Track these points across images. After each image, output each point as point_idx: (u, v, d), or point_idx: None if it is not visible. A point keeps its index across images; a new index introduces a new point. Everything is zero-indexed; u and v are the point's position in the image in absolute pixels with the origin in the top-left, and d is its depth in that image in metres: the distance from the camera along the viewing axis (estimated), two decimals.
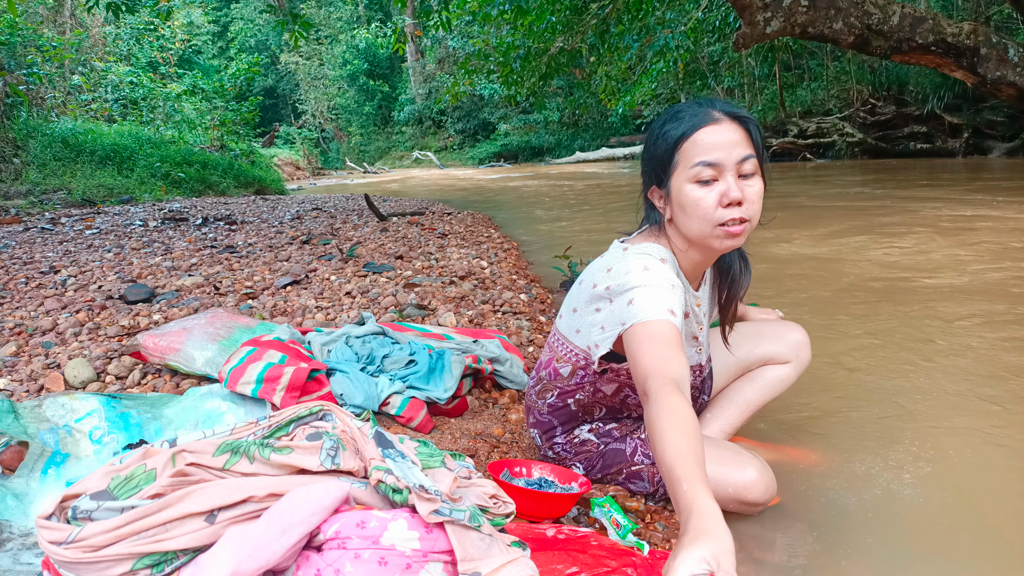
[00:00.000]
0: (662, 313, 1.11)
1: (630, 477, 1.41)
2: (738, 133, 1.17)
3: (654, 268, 1.18)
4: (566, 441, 1.47)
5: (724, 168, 1.15)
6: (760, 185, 1.18)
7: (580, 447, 1.45)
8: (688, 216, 1.19)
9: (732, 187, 1.15)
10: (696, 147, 1.16)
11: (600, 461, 1.44)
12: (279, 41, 29.22)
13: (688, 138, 1.17)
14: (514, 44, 9.79)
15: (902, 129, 13.64)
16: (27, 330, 2.46)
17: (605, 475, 1.44)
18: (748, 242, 1.24)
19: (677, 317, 1.12)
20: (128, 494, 0.91)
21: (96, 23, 15.08)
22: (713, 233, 1.18)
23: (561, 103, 23.64)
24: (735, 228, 1.16)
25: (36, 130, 9.78)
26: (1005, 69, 6.00)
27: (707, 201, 1.16)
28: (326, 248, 4.62)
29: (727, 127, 1.16)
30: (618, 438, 1.43)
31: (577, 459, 1.46)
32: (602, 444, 1.44)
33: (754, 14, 5.99)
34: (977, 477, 1.54)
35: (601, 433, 1.44)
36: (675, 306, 1.13)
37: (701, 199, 1.16)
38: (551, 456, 1.50)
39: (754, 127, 1.19)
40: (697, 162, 1.15)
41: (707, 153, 1.15)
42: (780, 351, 1.58)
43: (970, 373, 2.13)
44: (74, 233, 5.64)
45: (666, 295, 1.14)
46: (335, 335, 2.01)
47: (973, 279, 3.27)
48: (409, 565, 0.85)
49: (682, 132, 1.17)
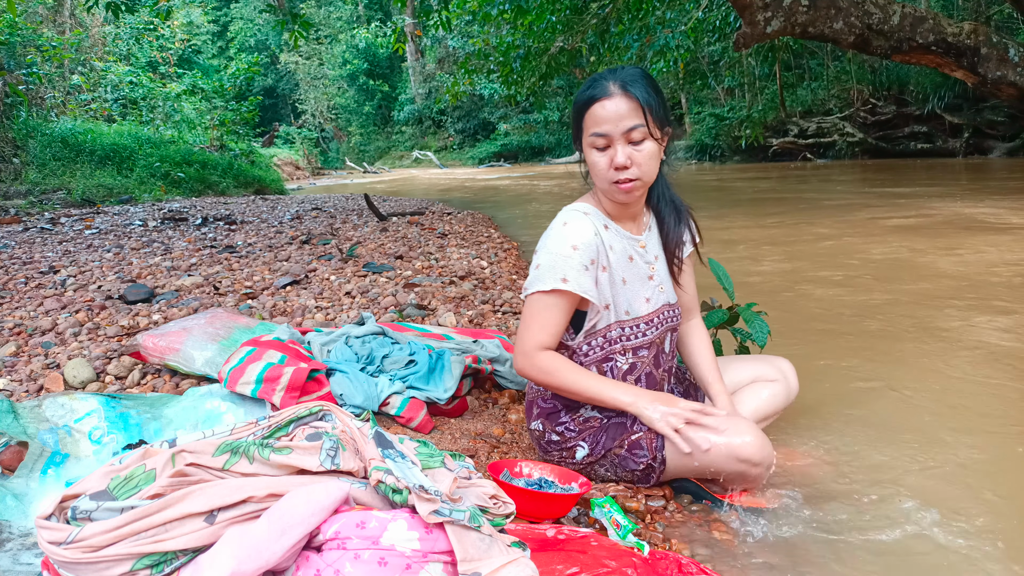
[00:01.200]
0: (555, 283, 1.35)
1: (631, 448, 1.43)
2: (628, 105, 1.33)
3: (570, 227, 1.39)
4: (571, 420, 1.49)
5: (613, 137, 1.35)
6: (650, 148, 1.36)
7: (585, 424, 1.48)
8: (593, 175, 1.42)
9: (619, 154, 1.34)
10: (592, 118, 1.36)
11: (604, 435, 1.45)
12: (279, 41, 29.21)
13: (587, 110, 1.36)
14: (514, 44, 9.78)
15: (903, 129, 13.65)
16: (27, 330, 2.46)
17: (608, 450, 1.45)
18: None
19: (572, 281, 1.35)
20: (128, 494, 0.91)
21: (96, 23, 15.07)
22: (610, 189, 1.40)
23: (561, 103, 23.62)
24: (626, 186, 1.37)
25: (36, 130, 9.77)
26: (1005, 69, 5.99)
27: (601, 164, 1.37)
28: (326, 248, 4.61)
29: (618, 100, 1.33)
30: (619, 412, 1.46)
31: (581, 437, 1.47)
32: (605, 418, 1.47)
33: (754, 14, 5.99)
34: (981, 474, 1.54)
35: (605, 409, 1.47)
36: (570, 272, 1.36)
37: (597, 162, 1.38)
38: (555, 439, 1.50)
39: (645, 97, 1.33)
40: (592, 132, 1.36)
41: (598, 125, 1.35)
42: (767, 371, 1.67)
43: (974, 371, 2.13)
44: (73, 233, 5.64)
45: (562, 263, 1.36)
46: (335, 335, 2.00)
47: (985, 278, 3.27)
48: (409, 565, 0.85)
49: (583, 103, 1.37)
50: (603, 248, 1.42)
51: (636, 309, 1.47)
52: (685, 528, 1.37)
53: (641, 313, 1.47)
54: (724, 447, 1.33)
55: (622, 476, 1.47)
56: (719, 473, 1.37)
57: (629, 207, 1.47)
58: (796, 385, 1.68)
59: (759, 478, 1.37)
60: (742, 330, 1.98)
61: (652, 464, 1.42)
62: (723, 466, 1.34)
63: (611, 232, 1.45)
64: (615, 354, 1.46)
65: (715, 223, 6.02)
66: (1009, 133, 12.10)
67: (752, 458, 1.32)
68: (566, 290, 1.35)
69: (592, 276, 1.39)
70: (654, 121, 1.34)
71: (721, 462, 1.33)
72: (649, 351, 1.49)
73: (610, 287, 1.43)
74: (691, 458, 1.35)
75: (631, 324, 1.46)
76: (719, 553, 1.30)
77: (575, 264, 1.36)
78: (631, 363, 1.48)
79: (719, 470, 1.35)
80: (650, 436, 1.41)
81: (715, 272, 1.95)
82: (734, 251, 4.50)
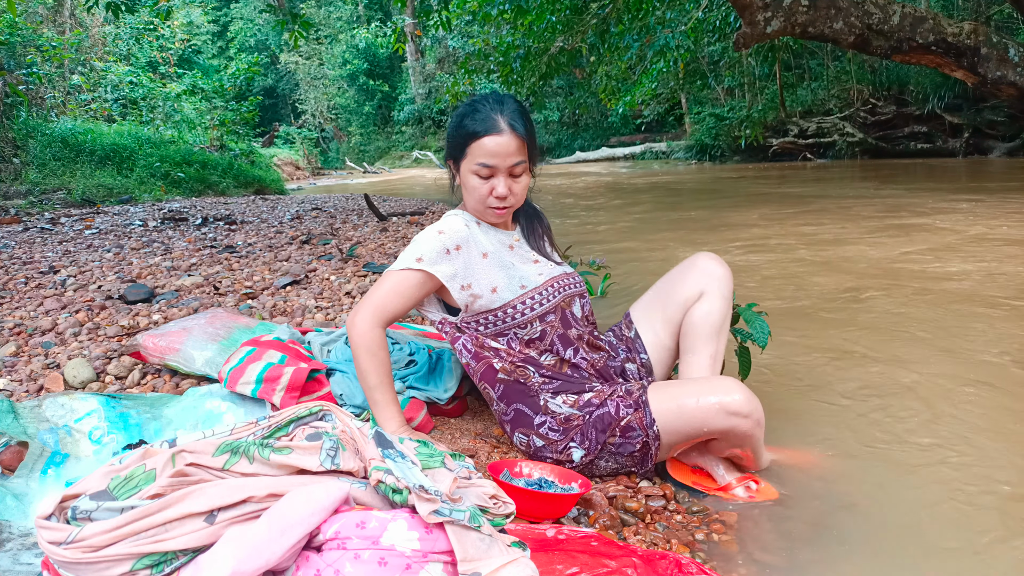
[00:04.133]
0: (409, 263, 1.46)
1: (624, 432, 1.44)
2: (515, 143, 1.45)
3: (440, 223, 1.52)
4: (550, 419, 1.49)
5: (498, 170, 1.47)
6: (526, 180, 1.53)
7: (568, 424, 1.49)
8: (467, 194, 1.54)
9: (500, 186, 1.48)
10: (481, 149, 1.45)
11: (593, 431, 1.46)
12: (279, 41, 29.20)
13: (477, 139, 1.45)
14: (514, 44, 9.78)
15: (902, 129, 13.64)
16: (27, 330, 2.46)
17: (604, 442, 1.46)
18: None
19: (427, 260, 1.46)
20: (128, 494, 0.91)
21: (96, 23, 15.06)
22: (484, 211, 1.54)
23: (561, 103, 23.62)
24: (499, 211, 1.53)
25: (36, 130, 9.77)
26: (1006, 69, 5.99)
27: (481, 191, 1.49)
28: (326, 248, 4.61)
29: (507, 138, 1.44)
30: (598, 404, 1.48)
31: (570, 438, 1.48)
32: (586, 415, 1.48)
33: (754, 14, 5.99)
34: (980, 473, 1.54)
35: (581, 405, 1.49)
36: (427, 252, 1.46)
37: (477, 187, 1.49)
38: (542, 444, 1.51)
39: (527, 136, 1.47)
40: (479, 162, 1.46)
41: (487, 157, 1.45)
42: (689, 290, 1.65)
43: (975, 370, 2.13)
44: (74, 233, 5.64)
45: (422, 245, 1.47)
46: (335, 335, 2.00)
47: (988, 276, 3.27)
48: (409, 565, 0.85)
49: (474, 131, 1.45)
50: (477, 237, 1.53)
51: (532, 282, 1.54)
52: (685, 528, 1.37)
53: (537, 283, 1.55)
54: (715, 404, 1.37)
55: (623, 463, 1.49)
56: (712, 433, 1.40)
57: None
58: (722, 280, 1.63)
59: (752, 434, 1.40)
60: (742, 330, 1.98)
61: (647, 441, 1.44)
62: (715, 423, 1.38)
63: (483, 228, 1.58)
64: (512, 329, 1.53)
65: (715, 223, 6.02)
66: (1009, 133, 12.10)
67: (741, 410, 1.37)
68: (418, 269, 1.45)
69: (456, 263, 1.48)
70: (531, 157, 1.50)
71: (712, 419, 1.38)
72: (556, 314, 1.55)
73: (499, 268, 1.52)
74: (683, 422, 1.40)
75: (530, 295, 1.53)
76: (719, 553, 1.30)
77: (435, 246, 1.47)
78: (541, 330, 1.53)
79: (712, 429, 1.39)
80: (639, 415, 1.43)
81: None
82: (734, 250, 4.50)
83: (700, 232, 5.60)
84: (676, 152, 18.62)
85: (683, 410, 1.41)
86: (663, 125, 21.35)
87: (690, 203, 8.14)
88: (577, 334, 1.58)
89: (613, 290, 3.50)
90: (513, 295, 1.52)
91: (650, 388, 1.48)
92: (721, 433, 1.40)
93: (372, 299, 1.47)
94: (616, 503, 1.42)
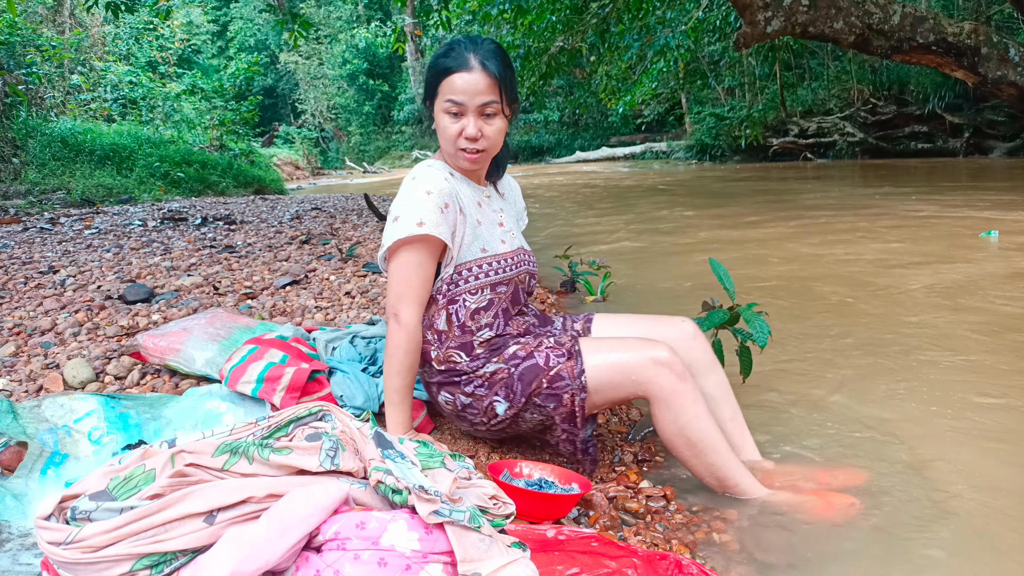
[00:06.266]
0: (411, 228, 1.38)
1: (552, 382, 1.42)
2: (486, 81, 1.40)
3: (419, 179, 1.44)
4: (478, 379, 1.47)
5: (467, 108, 1.41)
6: (499, 124, 1.46)
7: (494, 378, 1.46)
8: (440, 136, 1.48)
9: (470, 125, 1.42)
10: (450, 86, 1.41)
11: (518, 384, 1.44)
12: (278, 40, 29.17)
13: (446, 77, 1.41)
14: (514, 43, 9.78)
15: (903, 129, 13.64)
16: (26, 330, 2.46)
17: (528, 395, 1.43)
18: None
19: (429, 223, 1.38)
20: (127, 494, 0.90)
21: (95, 23, 15.05)
22: (456, 154, 1.47)
23: (561, 102, 23.61)
24: (471, 156, 1.46)
25: (35, 130, 9.76)
26: (1006, 69, 5.99)
27: (451, 130, 1.44)
28: (325, 248, 4.61)
29: (477, 75, 1.40)
30: (525, 356, 1.46)
31: (494, 392, 1.46)
32: (512, 367, 1.45)
33: (755, 13, 5.98)
34: (976, 473, 1.54)
35: (507, 359, 1.47)
36: (426, 215, 1.38)
37: (447, 127, 1.44)
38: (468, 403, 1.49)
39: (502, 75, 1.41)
40: (448, 99, 1.41)
41: (455, 94, 1.41)
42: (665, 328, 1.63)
43: (971, 373, 2.13)
44: (73, 233, 5.64)
45: (417, 209, 1.39)
46: (341, 333, 2.00)
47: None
48: (409, 566, 0.85)
49: (443, 68, 1.42)
50: (455, 191, 1.47)
51: (493, 248, 1.52)
52: (685, 528, 1.37)
53: (499, 251, 1.53)
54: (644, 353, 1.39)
55: (550, 416, 1.45)
56: (638, 384, 1.39)
57: (473, 172, 1.55)
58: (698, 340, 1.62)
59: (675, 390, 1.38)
60: (742, 330, 1.98)
61: (574, 392, 1.41)
62: (641, 372, 1.38)
63: (458, 179, 1.53)
64: (463, 294, 1.48)
65: (716, 223, 6.02)
66: (1009, 133, 12.10)
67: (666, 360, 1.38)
68: (424, 234, 1.38)
69: (449, 220, 1.43)
70: (507, 99, 1.44)
71: (639, 368, 1.38)
72: (508, 287, 1.53)
73: (466, 227, 1.48)
74: (613, 371, 1.39)
75: (488, 260, 1.50)
76: (719, 553, 1.29)
77: (431, 207, 1.40)
78: (489, 299, 1.50)
79: (638, 378, 1.39)
80: (570, 364, 1.42)
81: (715, 271, 1.95)
82: (734, 251, 4.50)
83: (700, 232, 5.60)
84: (676, 152, 18.62)
85: (612, 361, 1.40)
86: (663, 125, 21.35)
87: (690, 203, 8.14)
88: (518, 310, 1.57)
89: (613, 290, 3.49)
90: (472, 256, 1.48)
91: (582, 339, 1.47)
92: (646, 385, 1.39)
93: (409, 291, 1.41)
94: (616, 503, 1.42)
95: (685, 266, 4.15)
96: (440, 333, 1.49)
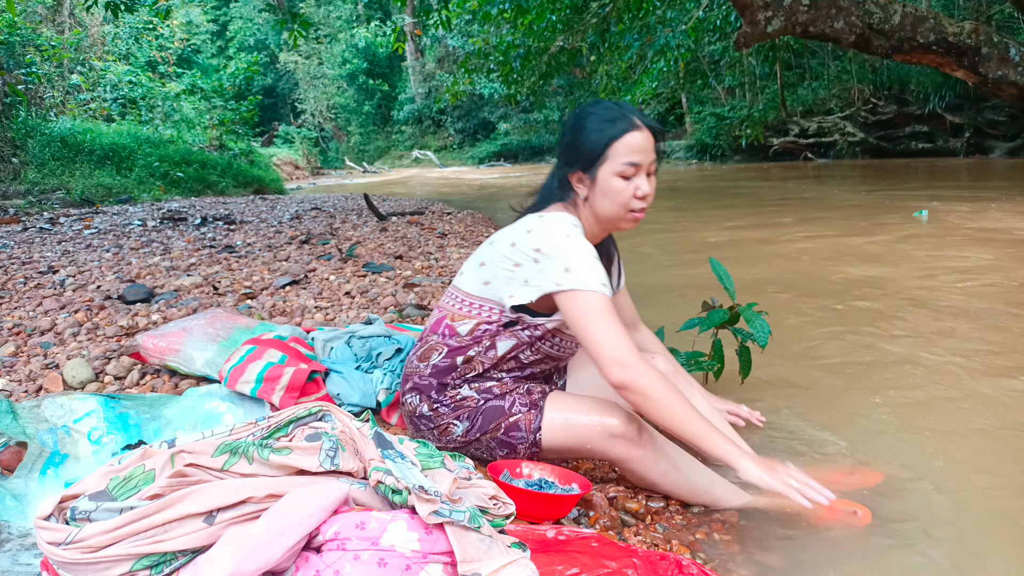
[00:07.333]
0: (601, 286, 1.34)
1: (508, 430, 1.43)
2: (651, 141, 1.42)
3: (575, 236, 1.40)
4: (448, 399, 1.48)
5: (642, 168, 1.42)
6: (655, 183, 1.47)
7: (460, 403, 1.47)
8: (609, 201, 1.43)
9: (645, 184, 1.42)
10: (626, 147, 1.40)
11: (480, 418, 1.45)
12: (278, 40, 29.16)
13: (619, 140, 1.40)
14: (514, 43, 9.78)
15: (903, 128, 13.66)
16: (26, 330, 2.46)
17: (484, 432, 1.45)
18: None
19: (605, 283, 1.36)
20: (127, 495, 0.90)
21: (95, 22, 15.04)
22: (624, 216, 1.45)
23: (561, 102, 23.60)
24: (640, 214, 1.46)
25: (35, 129, 9.75)
26: (1006, 69, 5.99)
27: (626, 192, 1.42)
28: (325, 248, 4.61)
29: (646, 135, 1.41)
30: (497, 395, 1.47)
31: (455, 415, 1.47)
32: (482, 400, 1.47)
33: (755, 13, 5.98)
34: (976, 471, 1.53)
35: (481, 390, 1.48)
36: (605, 279, 1.37)
37: (623, 190, 1.42)
38: (426, 414, 1.49)
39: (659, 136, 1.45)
40: (625, 161, 1.40)
41: (633, 155, 1.40)
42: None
43: (972, 367, 2.13)
44: (73, 233, 5.63)
45: (599, 268, 1.37)
46: (339, 333, 2.00)
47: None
48: (409, 566, 0.84)
49: (615, 134, 1.40)
50: None
51: None
52: (685, 528, 1.37)
53: None
54: (598, 424, 1.39)
55: (495, 456, 1.47)
56: (594, 452, 1.42)
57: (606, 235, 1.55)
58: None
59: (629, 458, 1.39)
60: (743, 330, 1.98)
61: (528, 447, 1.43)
62: (596, 443, 1.39)
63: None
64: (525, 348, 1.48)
65: (716, 223, 6.01)
66: (1010, 133, 12.11)
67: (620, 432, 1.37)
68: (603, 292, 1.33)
69: None
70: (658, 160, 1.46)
71: (594, 438, 1.39)
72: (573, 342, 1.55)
73: None
74: (567, 435, 1.40)
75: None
76: (719, 553, 1.29)
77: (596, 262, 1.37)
78: (537, 358, 1.52)
79: (594, 449, 1.40)
80: (529, 417, 1.43)
81: (716, 271, 1.95)
82: (734, 250, 4.50)
83: (700, 231, 5.60)
84: (677, 152, 18.62)
85: (570, 425, 1.41)
86: (663, 124, 21.36)
87: (690, 202, 8.14)
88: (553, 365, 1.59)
89: None
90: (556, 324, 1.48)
91: (551, 395, 1.47)
92: (602, 455, 1.42)
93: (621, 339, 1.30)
94: (616, 504, 1.42)
95: (685, 266, 4.15)
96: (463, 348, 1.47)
